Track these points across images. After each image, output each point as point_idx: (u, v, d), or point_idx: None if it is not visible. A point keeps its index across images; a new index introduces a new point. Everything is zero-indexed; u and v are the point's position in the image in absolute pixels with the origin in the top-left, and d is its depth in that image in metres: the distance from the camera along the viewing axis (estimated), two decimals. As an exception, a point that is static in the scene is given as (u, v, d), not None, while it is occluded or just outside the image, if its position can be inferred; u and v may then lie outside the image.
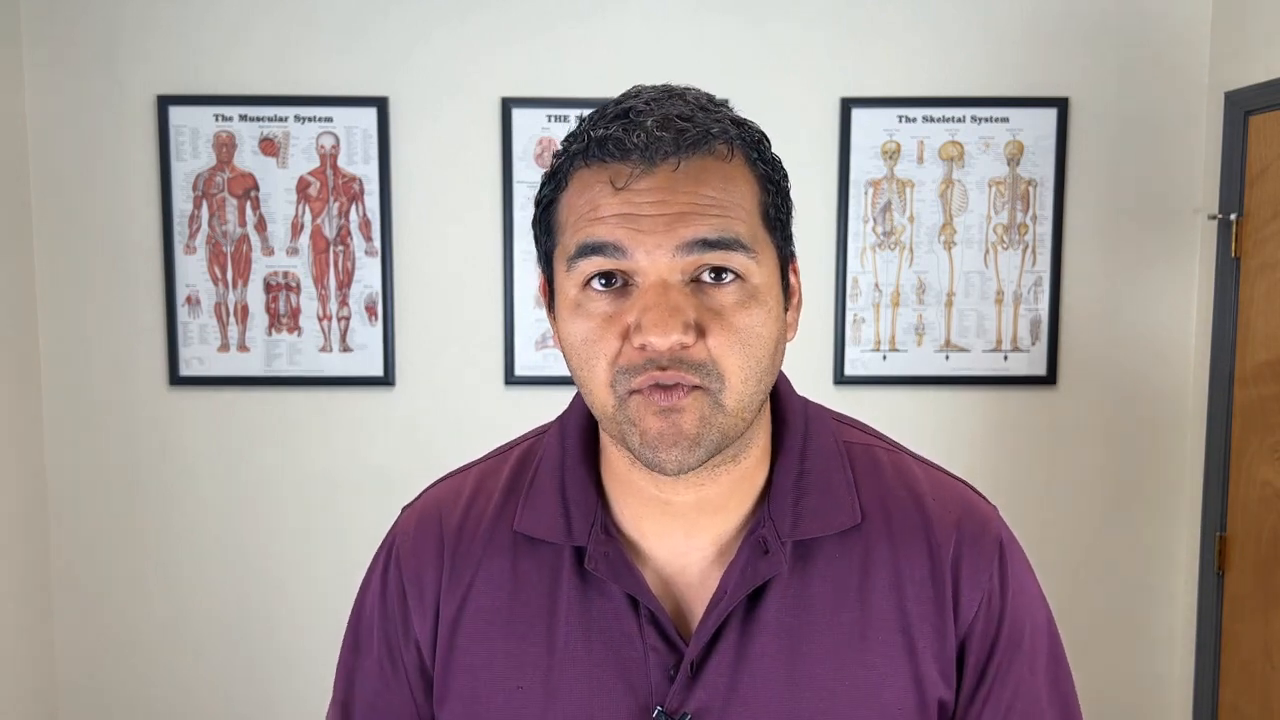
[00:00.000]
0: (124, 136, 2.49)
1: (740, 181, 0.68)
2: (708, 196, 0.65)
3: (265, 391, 2.55)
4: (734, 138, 0.68)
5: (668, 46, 2.49)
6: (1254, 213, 2.32)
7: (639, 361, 0.66)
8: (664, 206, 0.65)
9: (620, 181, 0.65)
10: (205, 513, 2.58)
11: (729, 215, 0.66)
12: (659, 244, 0.65)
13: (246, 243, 2.52)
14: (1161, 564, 2.63)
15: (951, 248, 2.54)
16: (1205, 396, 2.50)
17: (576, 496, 0.76)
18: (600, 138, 0.66)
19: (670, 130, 0.65)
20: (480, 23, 2.48)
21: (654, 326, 0.64)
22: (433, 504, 0.82)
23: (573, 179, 0.69)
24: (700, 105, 0.69)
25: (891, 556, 0.74)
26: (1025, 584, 0.78)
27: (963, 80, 2.51)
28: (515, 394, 2.54)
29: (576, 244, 0.67)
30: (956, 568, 0.75)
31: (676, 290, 0.65)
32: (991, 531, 0.77)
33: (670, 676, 0.72)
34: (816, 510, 0.74)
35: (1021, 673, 0.76)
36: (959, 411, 2.58)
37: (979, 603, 0.75)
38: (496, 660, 0.76)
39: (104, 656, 2.61)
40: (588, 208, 0.67)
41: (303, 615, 2.59)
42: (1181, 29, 2.51)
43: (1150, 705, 2.66)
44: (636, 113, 0.67)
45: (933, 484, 0.79)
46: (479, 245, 2.53)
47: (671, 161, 0.65)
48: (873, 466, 0.78)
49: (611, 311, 0.67)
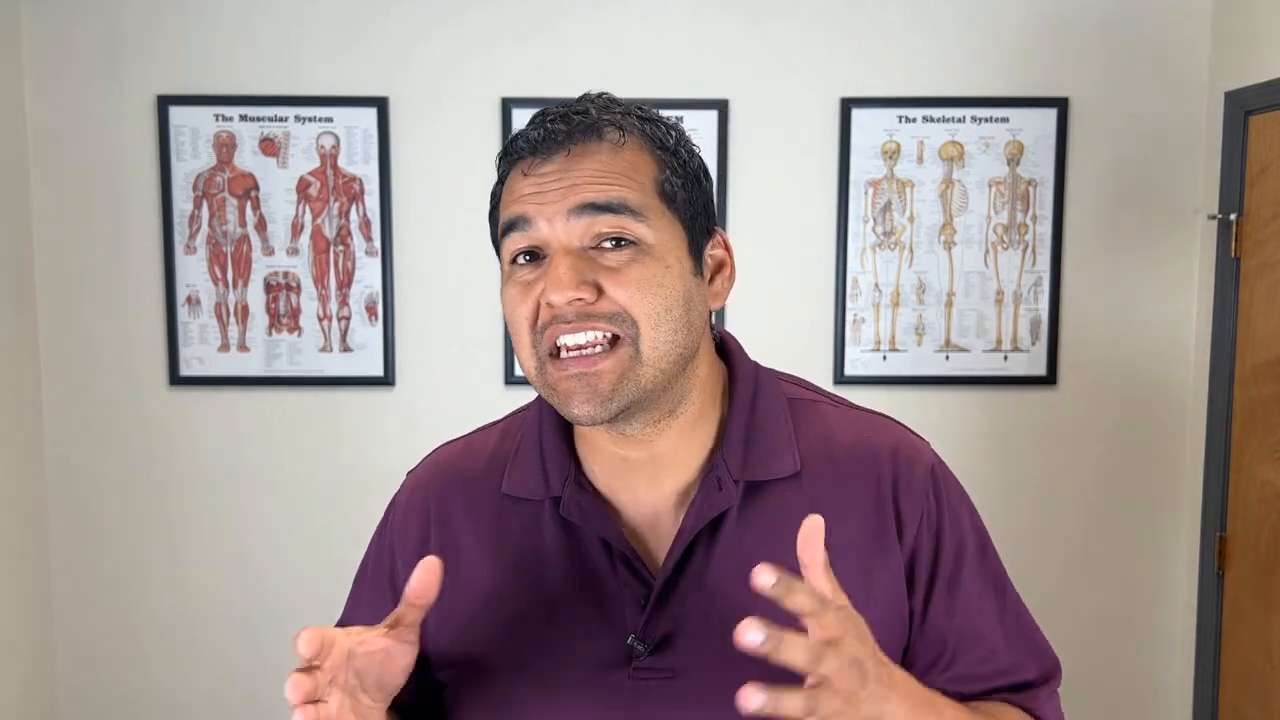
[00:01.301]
0: (124, 136, 2.49)
1: (631, 160, 0.78)
2: (595, 171, 0.77)
3: (265, 391, 2.55)
4: (625, 126, 0.79)
5: (668, 46, 2.49)
6: (1254, 213, 2.32)
7: (546, 319, 0.76)
8: (559, 181, 0.76)
9: (528, 169, 0.78)
10: (205, 512, 2.58)
11: (616, 185, 0.76)
12: (556, 211, 0.76)
13: (247, 243, 2.52)
14: (1161, 564, 2.63)
15: (951, 248, 2.54)
16: (1205, 396, 2.50)
17: (553, 456, 0.85)
18: (514, 137, 0.81)
19: (565, 124, 0.78)
20: (480, 23, 2.48)
21: (552, 285, 0.75)
22: (426, 472, 0.93)
23: (506, 177, 0.81)
24: (602, 106, 0.80)
25: (839, 495, 0.83)
26: (958, 504, 0.87)
27: (963, 80, 2.51)
28: (515, 394, 2.54)
29: (502, 225, 0.80)
30: (896, 495, 0.83)
31: (573, 253, 0.76)
32: (924, 459, 0.86)
33: (641, 606, 0.80)
34: (762, 457, 0.83)
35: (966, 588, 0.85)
36: (959, 411, 2.58)
37: (918, 525, 0.83)
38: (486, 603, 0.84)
39: (104, 656, 2.61)
40: (508, 195, 0.80)
41: (303, 615, 2.59)
42: (1181, 29, 2.51)
43: (1150, 705, 2.66)
44: (545, 115, 0.79)
45: (870, 427, 0.88)
46: (479, 245, 2.50)
47: (565, 148, 0.77)
48: (818, 419, 0.87)
49: (530, 279, 0.78)
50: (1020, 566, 2.80)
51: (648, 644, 0.79)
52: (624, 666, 0.79)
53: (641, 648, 0.79)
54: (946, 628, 0.84)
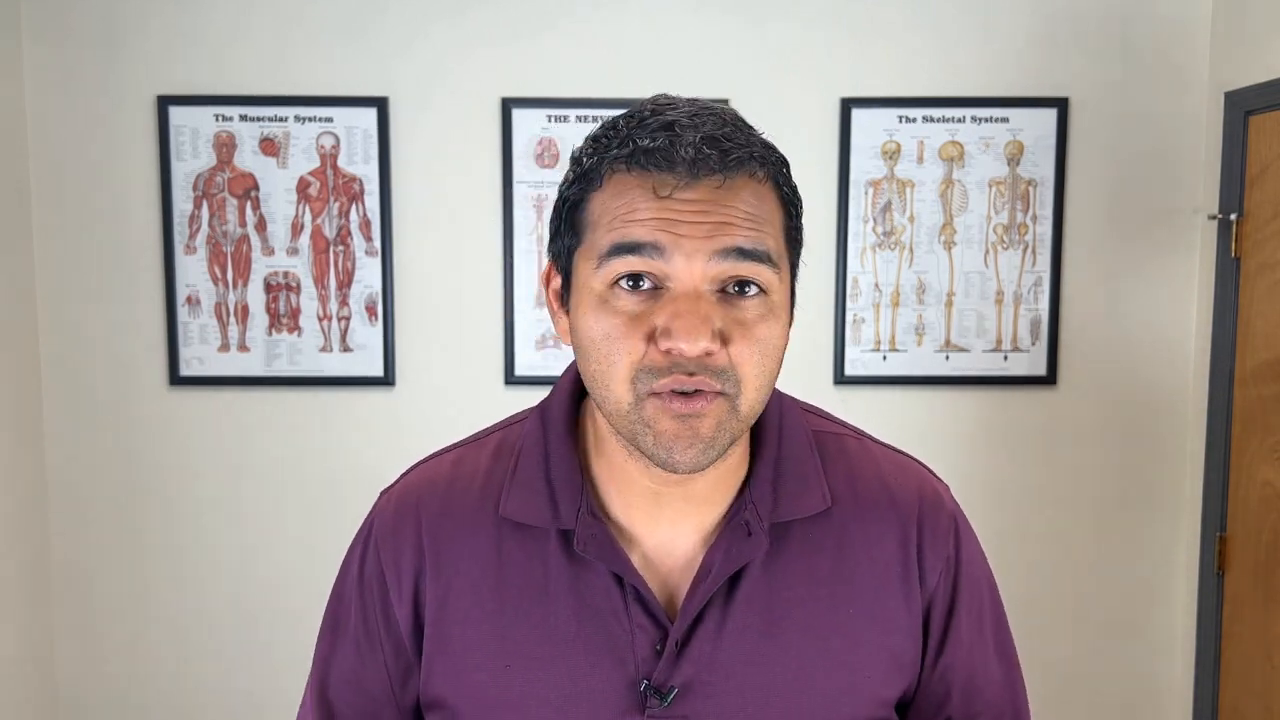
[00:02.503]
0: (124, 136, 2.49)
1: (770, 201, 0.72)
2: (744, 212, 0.69)
3: (265, 391, 2.55)
4: (768, 161, 0.72)
5: (668, 46, 2.49)
6: (1254, 213, 2.32)
7: (663, 364, 0.69)
8: (705, 216, 0.68)
9: (664, 190, 0.68)
10: (205, 512, 2.58)
11: (762, 230, 0.70)
12: (697, 249, 0.68)
13: (246, 243, 2.52)
14: (1161, 564, 2.63)
15: (951, 248, 2.54)
16: (1205, 396, 2.50)
17: (562, 481, 0.79)
18: (646, 148, 0.69)
19: (716, 149, 0.68)
20: (480, 22, 2.48)
21: (686, 333, 0.67)
22: (412, 488, 0.84)
23: (609, 181, 0.71)
24: (738, 126, 0.72)
25: (862, 534, 0.80)
26: (975, 554, 0.86)
27: (963, 80, 2.51)
28: (515, 394, 2.54)
29: (611, 242, 0.69)
30: (920, 540, 0.82)
31: (706, 300, 0.68)
32: (947, 506, 0.85)
33: (657, 652, 0.76)
34: (792, 495, 0.79)
35: (974, 635, 0.84)
36: (959, 411, 2.58)
37: (939, 571, 0.82)
38: (485, 640, 0.78)
39: (104, 656, 2.61)
40: (625, 209, 0.69)
41: (302, 615, 2.58)
42: (1181, 29, 2.51)
43: (1150, 705, 2.66)
44: (681, 127, 0.69)
45: (894, 466, 0.85)
46: (479, 245, 2.53)
47: (716, 178, 0.68)
48: (841, 453, 0.84)
49: (638, 311, 0.69)
50: (1020, 567, 2.82)
51: (664, 694, 0.75)
52: (636, 714, 0.75)
53: (657, 698, 0.75)
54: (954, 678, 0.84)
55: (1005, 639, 0.88)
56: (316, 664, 0.88)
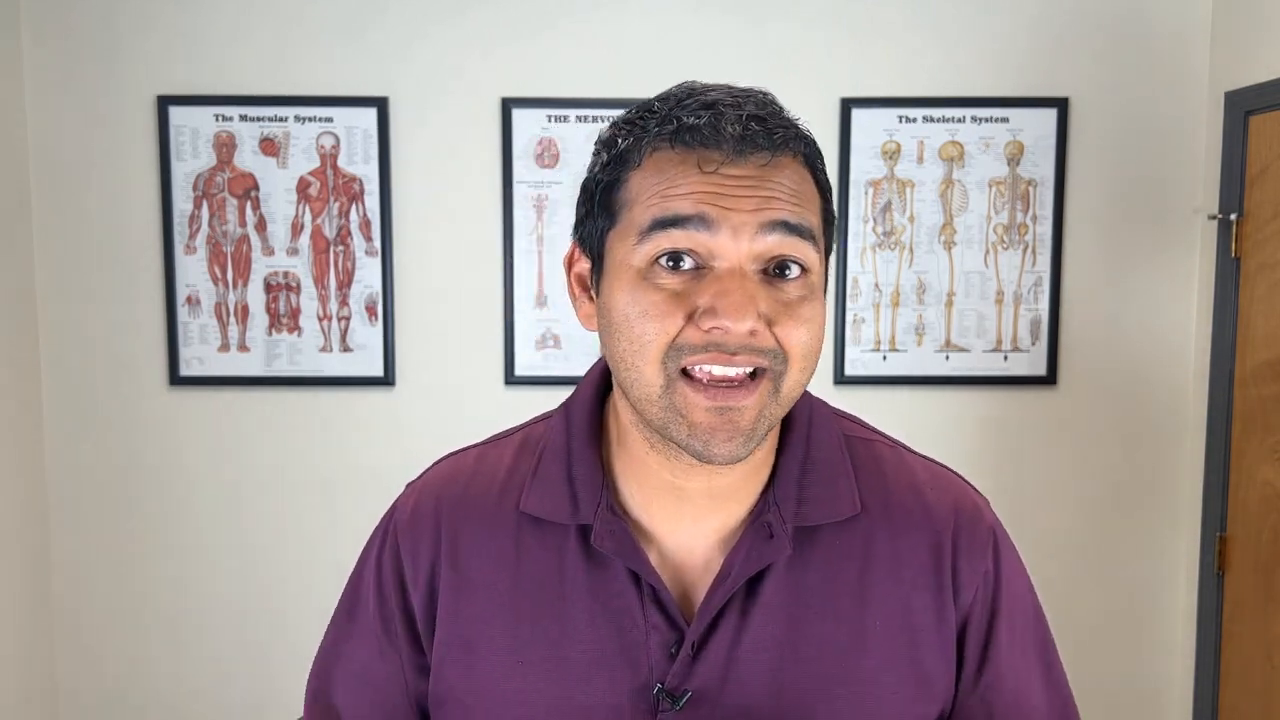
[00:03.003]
0: (124, 136, 2.49)
1: (809, 183, 0.72)
2: (788, 189, 0.69)
3: (265, 392, 2.55)
4: (806, 142, 0.72)
5: (668, 46, 2.49)
6: (1254, 213, 2.32)
7: (699, 343, 0.67)
8: (752, 190, 0.67)
9: (710, 166, 0.67)
10: (205, 512, 2.58)
11: (805, 207, 0.69)
12: (744, 222, 0.66)
13: (246, 243, 2.52)
14: (1161, 564, 2.63)
15: (951, 248, 2.54)
16: (1205, 397, 2.50)
17: (583, 477, 0.77)
18: (691, 125, 0.68)
19: (763, 126, 0.68)
20: (480, 22, 2.48)
21: (733, 310, 0.65)
22: (434, 482, 0.84)
23: (649, 159, 0.69)
24: (777, 108, 0.72)
25: (891, 545, 0.77)
26: (1016, 570, 0.83)
27: (963, 80, 2.51)
28: (515, 394, 2.54)
29: (653, 217, 0.68)
30: (955, 554, 0.78)
31: (751, 280, 0.67)
32: (986, 520, 0.81)
33: (671, 655, 0.74)
34: (819, 499, 0.76)
35: (1016, 656, 0.80)
36: (959, 411, 2.58)
37: (976, 587, 0.78)
38: (497, 635, 0.77)
39: (104, 656, 2.61)
40: (666, 185, 0.68)
41: (302, 614, 2.59)
42: (1181, 29, 2.51)
43: (1150, 705, 2.66)
44: (724, 105, 0.68)
45: (930, 475, 0.82)
46: (479, 245, 2.53)
47: (762, 154, 0.68)
48: (873, 460, 0.81)
49: (680, 290, 0.68)
50: (1020, 566, 2.78)
51: (677, 698, 0.73)
52: (647, 717, 0.74)
53: (669, 701, 0.73)
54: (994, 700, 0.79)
55: (1052, 662, 0.83)
56: (322, 653, 0.87)
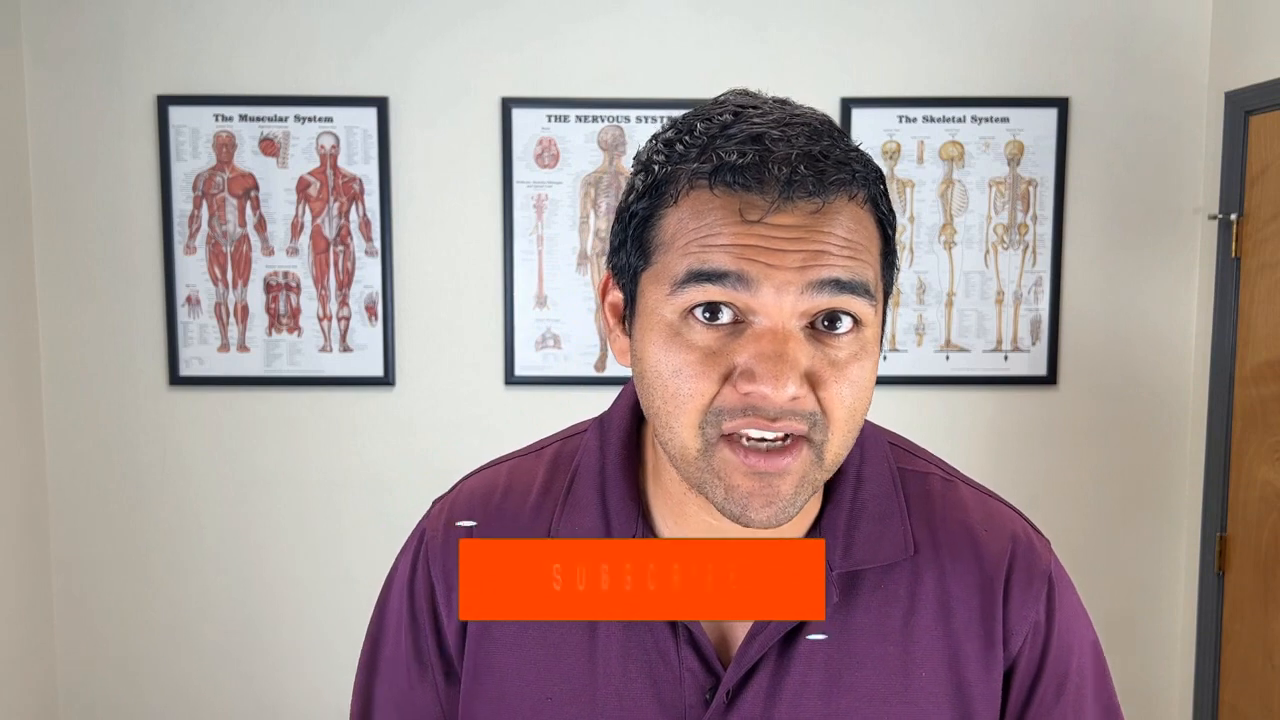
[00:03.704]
0: (124, 136, 2.49)
1: (868, 225, 0.64)
2: (842, 239, 0.61)
3: (265, 391, 2.55)
4: (867, 179, 0.63)
5: (668, 47, 2.49)
6: (1254, 213, 2.32)
7: (738, 406, 0.61)
8: (798, 244, 0.60)
9: (753, 214, 0.60)
10: (205, 512, 2.58)
11: (860, 259, 0.62)
12: (789, 281, 0.60)
13: (246, 243, 2.52)
14: (1161, 564, 2.63)
15: (952, 248, 2.54)
16: (1205, 396, 2.50)
17: (617, 508, 0.73)
18: (734, 164, 0.60)
19: (813, 169, 0.60)
20: (480, 23, 2.48)
21: (772, 377, 0.59)
22: (465, 498, 0.79)
23: (686, 198, 0.62)
24: (834, 139, 0.63)
25: (939, 588, 0.72)
26: (1073, 617, 0.77)
27: (963, 80, 2.51)
28: (515, 394, 2.54)
29: (688, 268, 0.61)
30: (1006, 599, 0.73)
31: (795, 339, 0.61)
32: (1041, 564, 0.75)
33: (706, 700, 0.70)
34: (868, 541, 0.72)
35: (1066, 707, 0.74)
36: (959, 411, 2.58)
37: (1026, 634, 0.73)
38: (527, 669, 0.74)
39: (103, 656, 2.61)
40: (706, 233, 0.61)
41: (302, 614, 2.59)
42: (1181, 29, 2.51)
43: (1150, 705, 2.66)
44: (772, 140, 0.61)
45: (984, 513, 0.76)
46: (479, 245, 2.53)
47: (813, 202, 0.60)
48: (925, 495, 0.75)
49: (716, 348, 0.61)
50: (1020, 566, 2.77)
51: None
52: None
53: None
54: None
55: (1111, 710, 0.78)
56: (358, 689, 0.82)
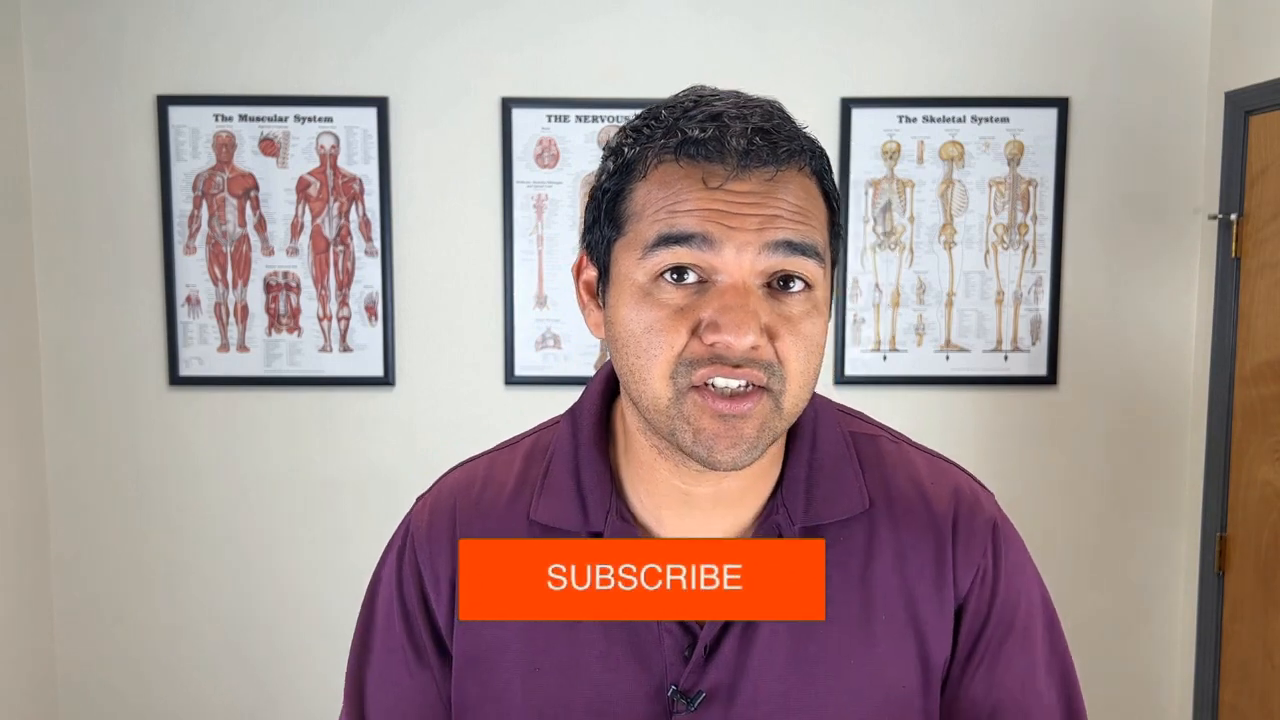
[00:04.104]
0: (124, 136, 2.49)
1: (816, 195, 0.72)
2: (793, 205, 0.69)
3: (265, 391, 2.55)
4: (814, 154, 0.72)
5: (668, 47, 2.49)
6: (1254, 213, 2.32)
7: (704, 356, 0.68)
8: (756, 208, 0.67)
9: (714, 181, 0.68)
10: (205, 512, 2.58)
11: (810, 224, 0.69)
12: (748, 241, 0.67)
13: (246, 243, 2.52)
14: (1161, 564, 2.63)
15: (952, 248, 2.54)
16: (1205, 397, 2.50)
17: (592, 485, 0.78)
18: (696, 138, 0.68)
19: (767, 140, 0.68)
20: (480, 23, 2.48)
21: (734, 327, 0.66)
22: (446, 492, 0.84)
23: (654, 171, 0.70)
24: (785, 118, 0.72)
25: (894, 537, 0.78)
26: (1019, 564, 0.82)
27: (963, 80, 2.51)
28: (515, 394, 2.54)
29: (657, 233, 0.68)
30: (954, 543, 0.79)
31: (754, 294, 0.68)
32: (985, 512, 0.82)
33: (685, 657, 0.75)
34: (827, 497, 0.78)
35: (1014, 650, 0.80)
36: (959, 411, 2.58)
37: (973, 577, 0.79)
38: (513, 642, 0.78)
39: (104, 657, 2.61)
40: (673, 200, 0.68)
41: (303, 614, 2.59)
42: (1181, 29, 2.51)
43: (1150, 705, 2.66)
44: (730, 117, 0.69)
45: (932, 469, 0.83)
46: (479, 245, 2.53)
47: (767, 170, 0.68)
48: (877, 455, 0.82)
49: (683, 305, 0.68)
50: (1020, 566, 2.77)
51: (691, 698, 0.75)
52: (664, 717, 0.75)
53: (684, 702, 0.75)
54: (984, 699, 0.79)
55: (1060, 656, 0.84)
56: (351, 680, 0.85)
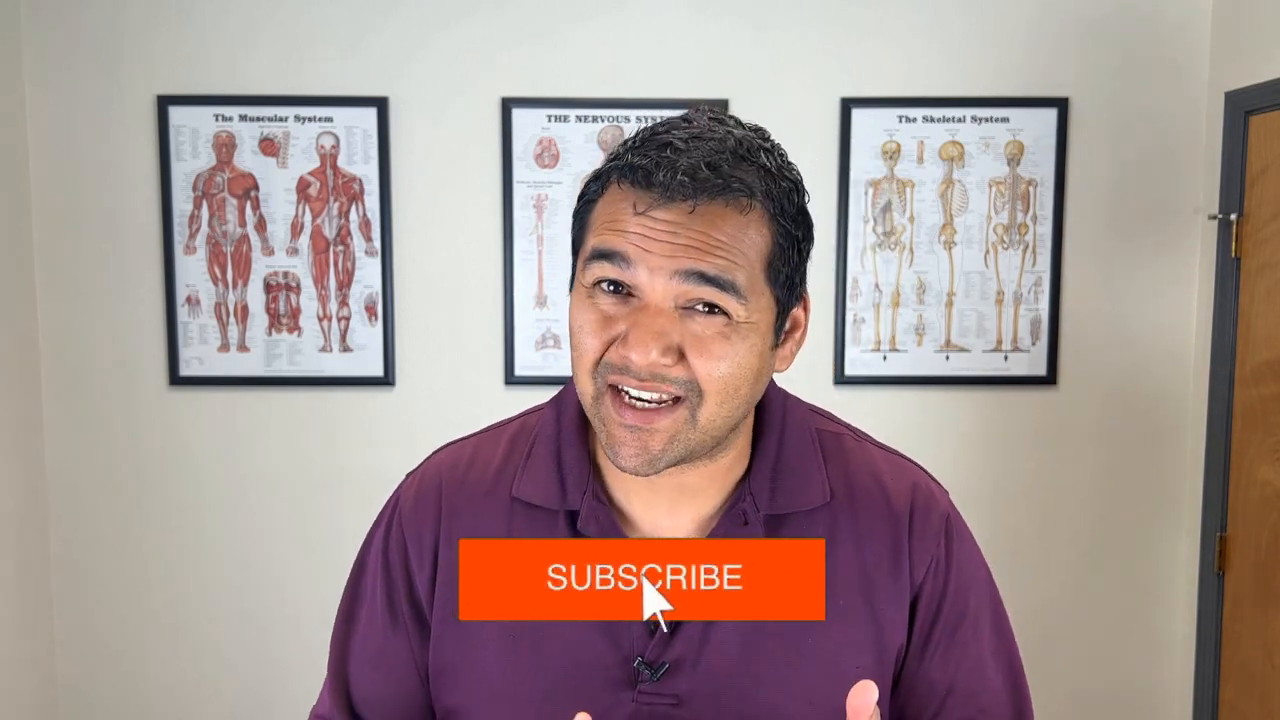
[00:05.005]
0: (124, 136, 2.49)
1: (751, 233, 0.73)
2: (715, 240, 0.72)
3: (265, 391, 2.55)
4: (754, 191, 0.73)
5: (668, 47, 2.49)
6: (1254, 213, 2.32)
7: (617, 364, 0.74)
8: (673, 236, 0.71)
9: (641, 207, 0.72)
10: (205, 512, 2.58)
11: (730, 260, 0.72)
12: (659, 266, 0.71)
13: (246, 243, 2.52)
14: (1161, 564, 2.63)
15: (951, 248, 2.54)
16: (1205, 396, 2.50)
17: (571, 465, 0.84)
18: (634, 164, 0.73)
19: (692, 176, 0.71)
20: (480, 23, 2.48)
21: (636, 344, 0.72)
22: (434, 470, 0.89)
23: (607, 189, 0.76)
24: (739, 154, 0.73)
25: (853, 527, 0.83)
26: (969, 556, 0.88)
27: (963, 80, 2.51)
28: (515, 394, 2.54)
29: (594, 247, 0.75)
30: (910, 535, 0.84)
31: (665, 315, 0.72)
32: (939, 507, 0.87)
33: (650, 631, 0.80)
34: (792, 489, 0.83)
35: (966, 636, 0.85)
36: (959, 411, 2.58)
37: (927, 567, 0.84)
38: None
39: (103, 656, 2.61)
40: (611, 219, 0.74)
41: (302, 614, 2.59)
42: (1181, 29, 2.51)
43: (1150, 705, 2.66)
44: (675, 150, 0.72)
45: (891, 466, 0.88)
46: (479, 245, 2.53)
47: (687, 205, 0.71)
48: (840, 452, 0.87)
49: (611, 314, 0.74)
50: (1020, 567, 2.81)
51: (655, 669, 0.79)
52: (628, 689, 0.80)
53: (648, 672, 0.79)
54: (939, 682, 0.85)
55: (1006, 645, 0.89)
56: (334, 647, 0.90)
